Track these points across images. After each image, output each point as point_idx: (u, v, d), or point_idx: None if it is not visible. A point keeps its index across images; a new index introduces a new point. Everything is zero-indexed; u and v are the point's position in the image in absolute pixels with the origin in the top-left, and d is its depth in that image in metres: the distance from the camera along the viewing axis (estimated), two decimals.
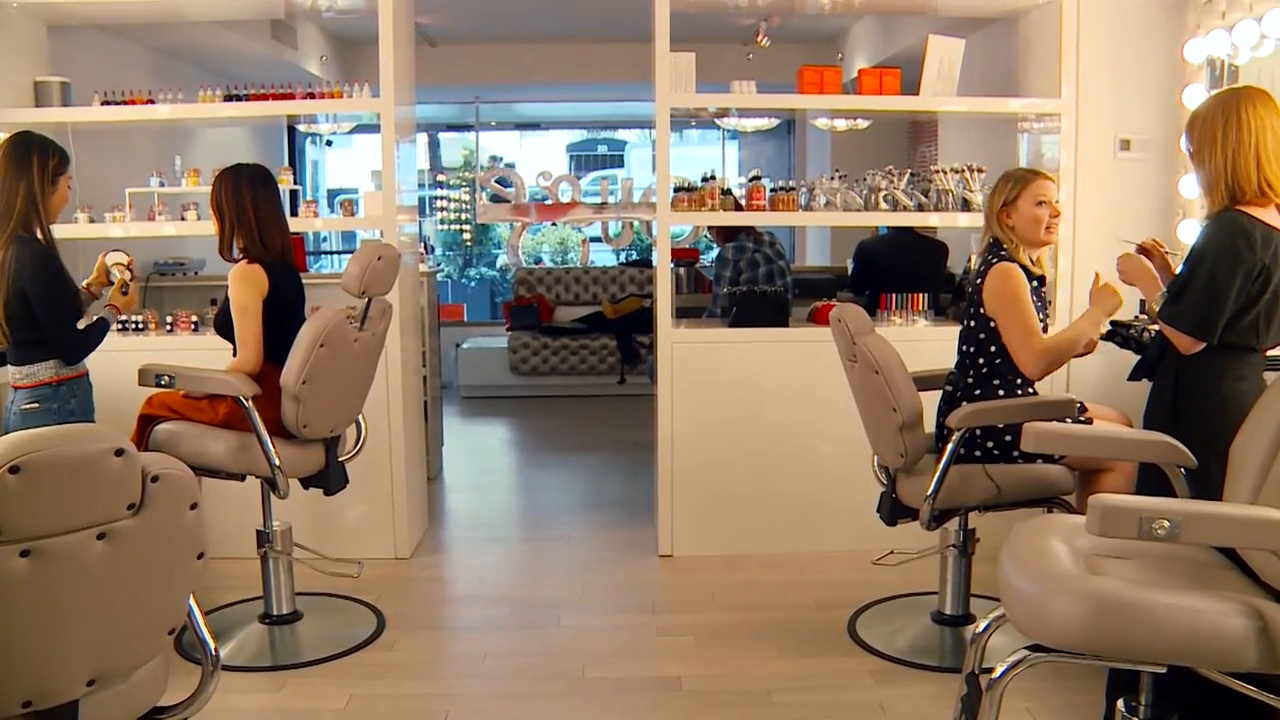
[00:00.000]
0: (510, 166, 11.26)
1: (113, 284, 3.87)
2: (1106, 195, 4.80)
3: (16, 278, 3.45)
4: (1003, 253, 3.67)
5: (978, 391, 3.64)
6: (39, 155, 3.53)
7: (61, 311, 3.55)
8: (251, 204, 3.81)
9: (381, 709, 3.51)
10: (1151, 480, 2.99)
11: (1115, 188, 4.81)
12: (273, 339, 3.76)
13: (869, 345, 3.57)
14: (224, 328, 3.86)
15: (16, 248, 3.47)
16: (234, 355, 3.80)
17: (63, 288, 3.58)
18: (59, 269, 3.56)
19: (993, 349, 3.64)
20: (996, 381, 3.65)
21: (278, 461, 3.69)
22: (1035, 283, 3.66)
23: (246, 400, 3.61)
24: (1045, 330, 3.64)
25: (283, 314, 3.83)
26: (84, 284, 3.87)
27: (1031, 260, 3.67)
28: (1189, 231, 4.63)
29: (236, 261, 3.82)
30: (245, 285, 3.75)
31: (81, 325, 3.64)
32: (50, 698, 1.97)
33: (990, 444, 3.60)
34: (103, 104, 4.83)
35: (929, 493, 3.51)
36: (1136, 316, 3.74)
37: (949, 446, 3.47)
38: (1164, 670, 2.30)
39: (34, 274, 3.47)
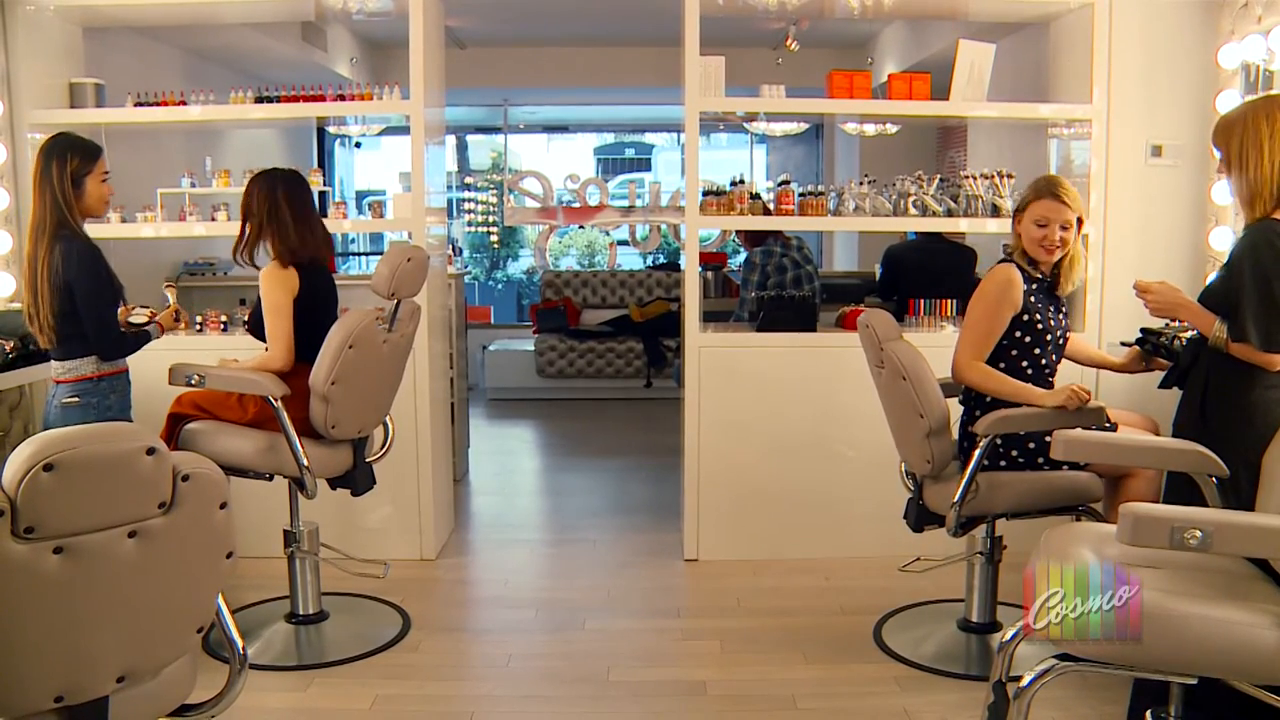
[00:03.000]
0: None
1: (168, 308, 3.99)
2: (1138, 202, 4.76)
3: (64, 272, 3.51)
4: (1004, 253, 3.72)
5: (988, 398, 3.62)
6: (58, 162, 3.56)
7: (104, 308, 3.60)
8: (288, 206, 3.84)
9: (406, 710, 3.52)
10: (1180, 489, 2.96)
11: (1146, 194, 4.77)
12: (305, 339, 3.79)
13: (896, 351, 3.56)
14: (257, 328, 3.89)
15: (63, 245, 3.52)
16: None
17: (107, 285, 3.62)
18: (103, 265, 3.61)
19: (1005, 357, 3.63)
20: None
21: (306, 462, 3.70)
22: (1035, 284, 3.64)
23: (275, 400, 3.63)
24: (1044, 330, 3.61)
25: (315, 314, 3.86)
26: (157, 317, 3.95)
27: (1030, 264, 3.64)
28: (1221, 239, 4.59)
29: (253, 264, 3.86)
30: (275, 285, 3.78)
31: (135, 324, 3.77)
32: (81, 693, 1.99)
33: (1014, 451, 3.58)
34: (136, 105, 4.87)
35: (955, 499, 3.50)
36: (1167, 324, 3.71)
37: (976, 453, 3.46)
38: (1194, 681, 2.28)
39: (80, 269, 3.52)
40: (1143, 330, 3.75)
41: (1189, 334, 3.38)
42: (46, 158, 3.58)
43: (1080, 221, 3.62)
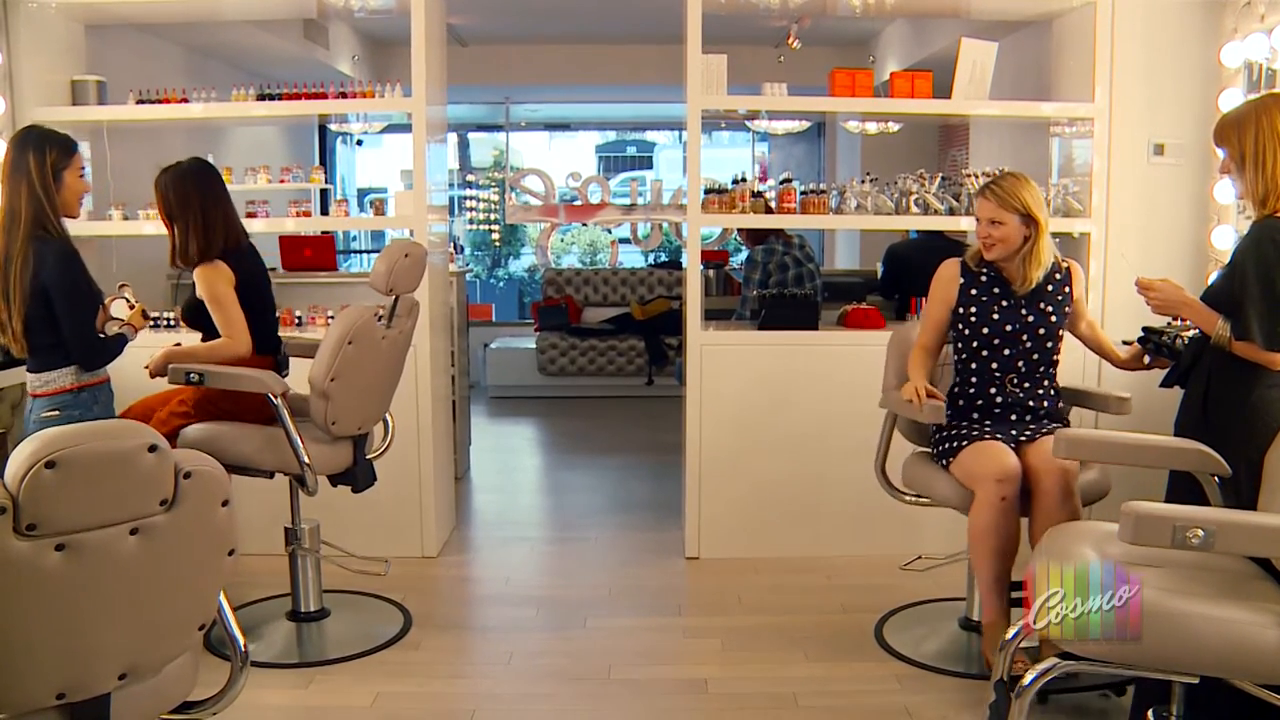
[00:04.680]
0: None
1: (132, 308, 3.77)
2: (1140, 201, 4.76)
3: (38, 275, 3.30)
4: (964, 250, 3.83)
5: (954, 385, 3.79)
6: (35, 153, 3.36)
7: (85, 315, 3.42)
8: (201, 198, 3.81)
9: (407, 707, 3.52)
10: (1182, 488, 2.96)
11: (1148, 193, 4.77)
12: (252, 325, 3.80)
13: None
14: (195, 319, 3.86)
15: (37, 245, 3.32)
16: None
17: (85, 288, 3.44)
18: (82, 268, 3.42)
19: (955, 350, 3.77)
20: (956, 378, 3.78)
21: (307, 458, 3.70)
22: (982, 279, 3.70)
23: (276, 398, 3.63)
24: (979, 324, 3.68)
25: (256, 298, 3.87)
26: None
27: (975, 262, 3.72)
28: (1223, 238, 4.59)
29: (191, 266, 3.81)
30: (213, 280, 3.75)
31: (107, 333, 3.58)
32: (83, 690, 1.99)
33: (936, 438, 3.75)
34: (138, 103, 4.87)
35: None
36: (1169, 323, 3.70)
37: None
38: (1196, 681, 2.28)
39: (58, 272, 3.32)
40: (1145, 329, 3.74)
41: (1191, 333, 3.37)
42: (20, 149, 3.37)
43: (1032, 220, 3.58)
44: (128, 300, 3.76)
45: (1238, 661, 2.14)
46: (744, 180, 5.15)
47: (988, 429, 3.61)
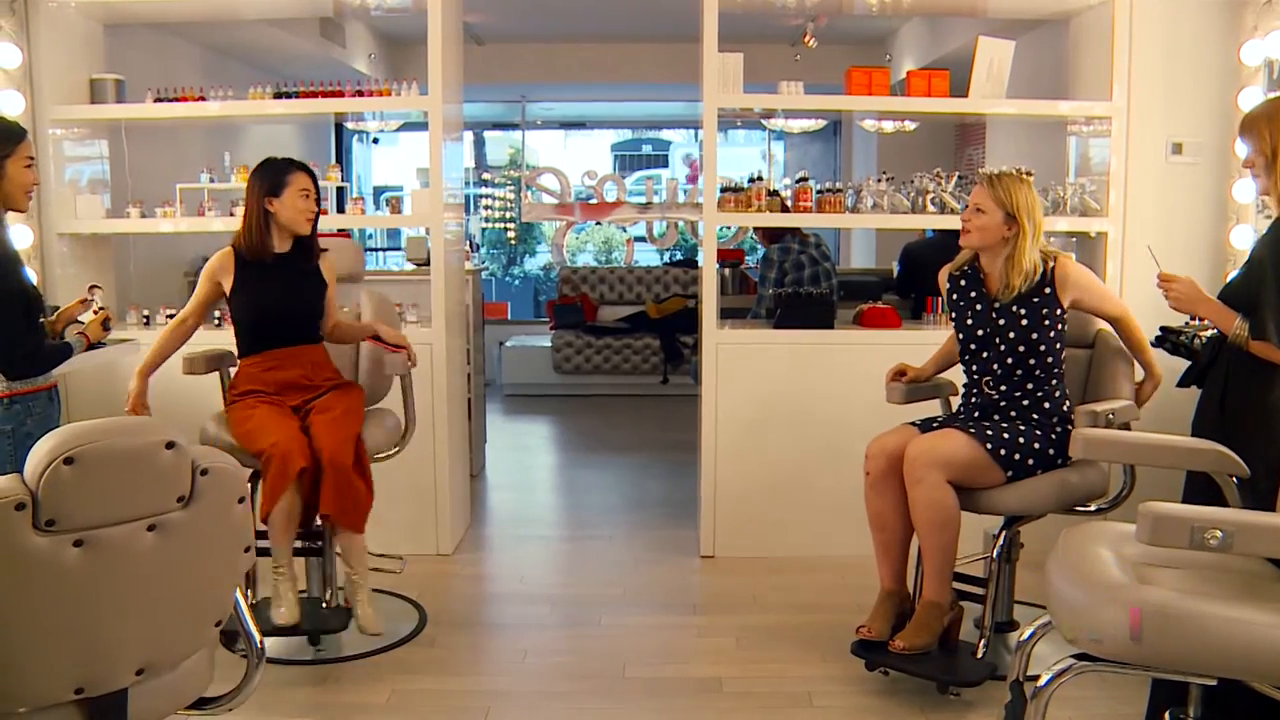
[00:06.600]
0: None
1: (96, 314, 3.53)
2: (1158, 200, 4.74)
3: None
4: None
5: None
6: None
7: (12, 317, 3.07)
8: None
9: (422, 704, 3.53)
10: (1200, 489, 2.95)
11: (1166, 192, 4.74)
12: None
13: None
14: (318, 316, 3.94)
15: None
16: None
17: (18, 290, 3.10)
18: (17, 267, 3.12)
19: None
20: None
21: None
22: (962, 278, 3.72)
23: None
24: (956, 325, 3.74)
25: None
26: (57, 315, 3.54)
27: (955, 267, 3.76)
28: (1242, 238, 4.56)
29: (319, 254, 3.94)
30: None
31: (65, 338, 3.36)
32: (100, 685, 2.00)
33: None
34: (155, 101, 4.89)
35: None
36: (1187, 322, 3.68)
37: None
38: (1214, 682, 2.27)
39: None
40: (1163, 328, 3.73)
41: (1209, 332, 3.35)
42: None
43: (1015, 222, 3.52)
44: (95, 304, 3.53)
45: (1256, 663, 2.12)
46: (760, 178, 5.14)
47: (957, 424, 3.62)
